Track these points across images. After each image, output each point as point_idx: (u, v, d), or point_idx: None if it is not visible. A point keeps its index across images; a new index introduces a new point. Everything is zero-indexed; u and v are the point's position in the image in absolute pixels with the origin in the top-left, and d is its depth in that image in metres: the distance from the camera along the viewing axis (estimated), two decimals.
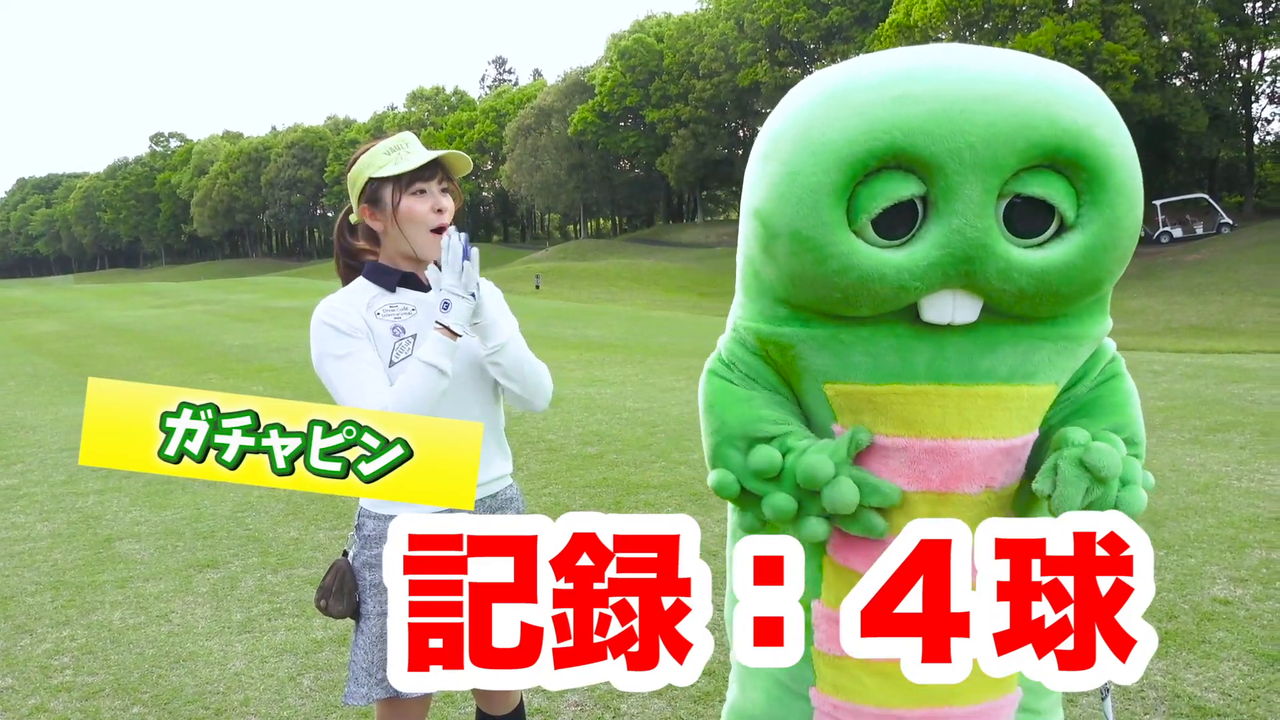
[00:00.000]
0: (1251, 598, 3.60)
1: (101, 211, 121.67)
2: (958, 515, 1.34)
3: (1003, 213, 1.28)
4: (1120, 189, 1.28)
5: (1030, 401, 1.42)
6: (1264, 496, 4.98)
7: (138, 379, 6.23)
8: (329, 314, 1.87)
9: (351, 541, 1.96)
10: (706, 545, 4.53)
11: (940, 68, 1.30)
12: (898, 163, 1.26)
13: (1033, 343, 1.38)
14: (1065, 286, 1.30)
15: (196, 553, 4.71)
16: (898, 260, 1.29)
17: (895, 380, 1.39)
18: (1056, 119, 1.24)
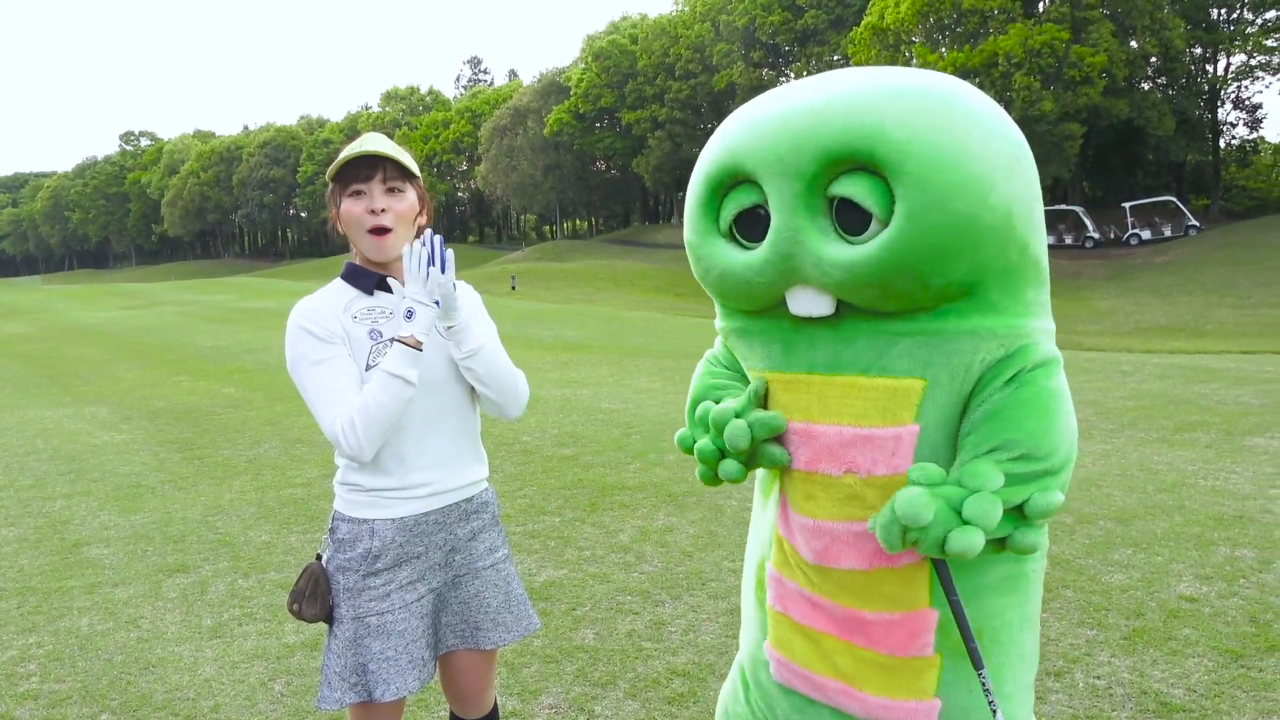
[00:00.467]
0: (1216, 595, 3.66)
1: (70, 211, 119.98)
2: (825, 494, 1.52)
3: (833, 213, 1.42)
4: (921, 184, 1.32)
5: (889, 394, 1.46)
6: (1228, 495, 5.06)
7: (107, 381, 6.19)
8: (305, 318, 1.86)
9: (325, 545, 1.95)
10: (681, 546, 4.54)
11: (786, 94, 1.48)
12: (743, 177, 1.48)
13: (889, 337, 1.46)
14: (875, 278, 1.38)
15: (166, 557, 4.65)
16: (744, 259, 1.50)
17: (780, 369, 1.58)
18: (849, 123, 1.36)
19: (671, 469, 6.05)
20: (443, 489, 1.93)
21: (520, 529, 4.86)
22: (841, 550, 1.52)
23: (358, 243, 1.92)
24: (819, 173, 1.39)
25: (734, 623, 3.56)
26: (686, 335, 18.40)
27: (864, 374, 1.48)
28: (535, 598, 3.88)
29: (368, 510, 1.88)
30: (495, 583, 2.03)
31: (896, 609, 1.52)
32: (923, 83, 1.42)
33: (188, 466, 6.81)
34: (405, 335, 1.81)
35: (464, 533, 1.98)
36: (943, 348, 1.44)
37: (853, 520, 1.50)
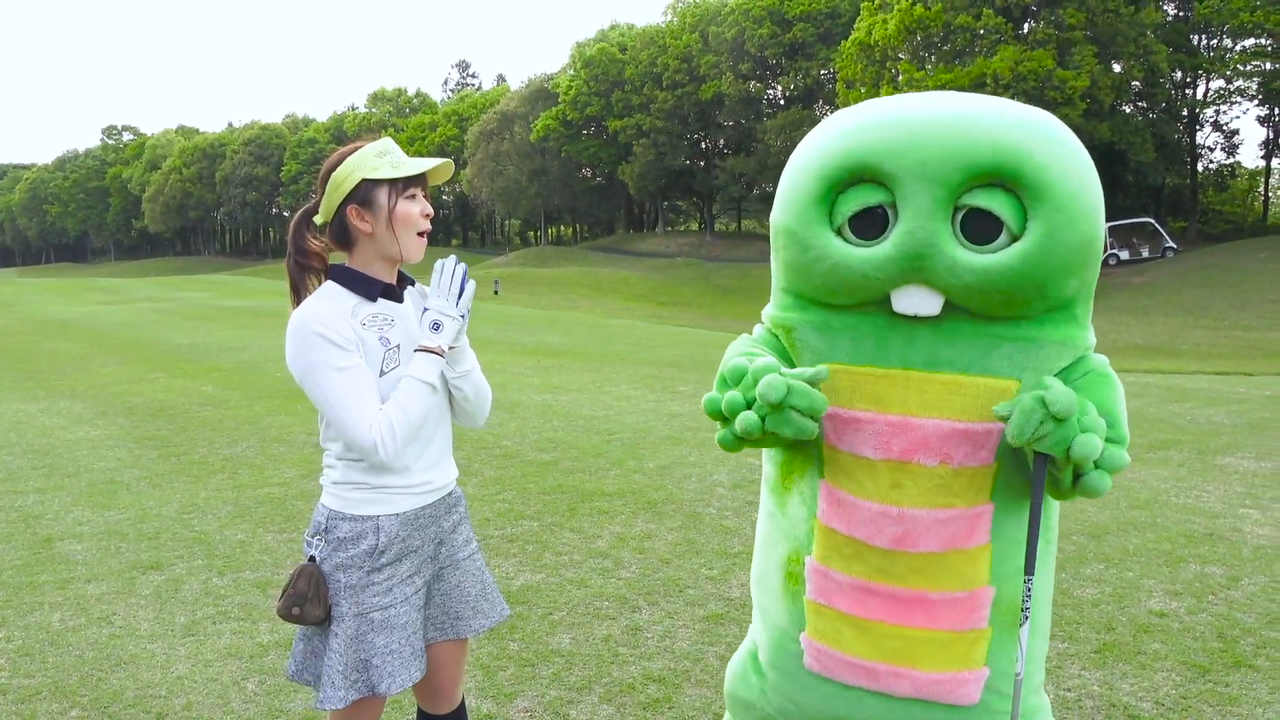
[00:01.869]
0: (1185, 610, 3.71)
1: (49, 204, 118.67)
2: (915, 483, 1.61)
3: (960, 221, 1.53)
4: (1058, 206, 1.49)
5: (987, 392, 1.60)
6: (1199, 513, 5.13)
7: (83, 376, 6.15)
8: (321, 324, 1.86)
9: (317, 545, 1.95)
10: (659, 553, 4.55)
11: (917, 104, 1.60)
12: (868, 176, 1.56)
13: (992, 340, 1.59)
14: (1006, 285, 1.51)
15: (140, 554, 4.61)
16: (863, 254, 1.57)
17: (871, 363, 1.64)
18: (998, 142, 1.50)
19: (651, 476, 6.06)
20: (436, 485, 2.02)
21: (499, 533, 4.86)
22: (921, 535, 1.63)
23: (405, 242, 1.95)
24: (961, 183, 1.50)
25: (710, 629, 3.57)
26: (668, 343, 18.45)
27: (965, 373, 1.61)
28: (513, 602, 3.88)
29: (372, 507, 1.92)
30: (473, 572, 2.12)
31: (962, 587, 1.65)
32: (1044, 117, 1.61)
33: (164, 464, 6.75)
34: (433, 346, 1.92)
35: (448, 525, 2.07)
36: (1038, 353, 1.60)
37: (936, 507, 1.62)
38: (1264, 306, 30.45)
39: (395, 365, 1.93)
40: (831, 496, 1.71)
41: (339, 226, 1.98)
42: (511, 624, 3.65)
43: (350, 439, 1.85)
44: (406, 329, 1.98)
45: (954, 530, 1.63)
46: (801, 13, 53.76)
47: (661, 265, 52.72)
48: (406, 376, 1.90)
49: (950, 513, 1.62)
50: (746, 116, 59.65)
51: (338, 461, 1.96)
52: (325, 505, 1.97)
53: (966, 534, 1.63)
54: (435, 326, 1.93)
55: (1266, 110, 46.03)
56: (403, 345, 1.95)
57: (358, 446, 1.85)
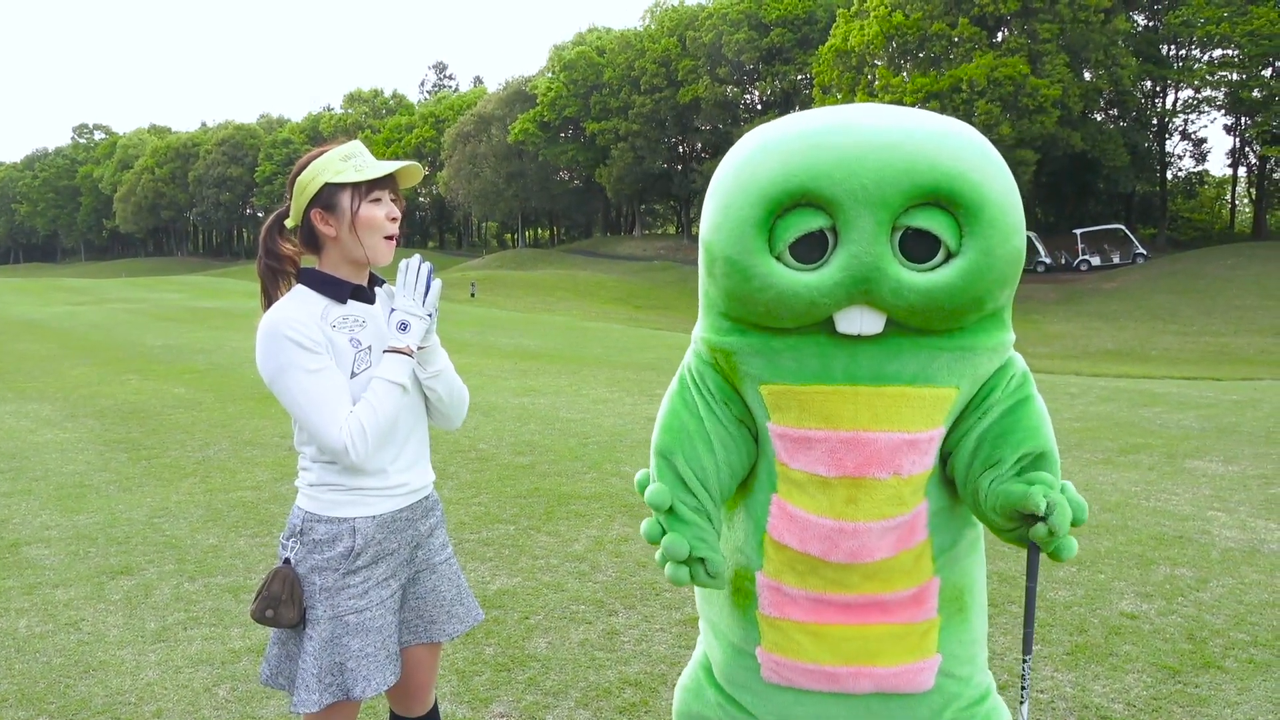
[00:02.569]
0: (1156, 612, 3.76)
1: (17, 203, 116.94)
2: (869, 497, 1.65)
3: (899, 242, 1.55)
4: (993, 223, 1.53)
5: (932, 401, 1.66)
6: (1169, 515, 5.20)
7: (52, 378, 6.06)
8: (290, 327, 1.84)
9: (292, 548, 1.93)
10: (636, 557, 4.52)
11: (849, 123, 1.59)
12: (808, 200, 1.54)
13: (932, 351, 1.63)
14: (949, 302, 1.55)
15: (110, 559, 4.54)
16: (808, 280, 1.56)
17: (817, 381, 1.65)
18: (936, 164, 1.51)
19: (627, 479, 6.05)
20: (413, 488, 2.01)
21: (474, 537, 4.83)
22: (875, 545, 1.67)
23: (370, 245, 1.93)
24: (901, 204, 1.52)
25: (686, 633, 3.57)
26: (645, 346, 18.45)
27: (911, 384, 1.64)
28: (488, 606, 3.86)
29: (349, 509, 1.90)
30: (449, 576, 2.11)
31: (911, 584, 1.72)
32: (972, 133, 1.63)
33: (134, 467, 6.66)
34: (402, 346, 1.91)
35: (425, 528, 2.06)
36: (973, 360, 1.66)
37: (887, 518, 1.67)
38: (1231, 313, 30.99)
39: (367, 366, 1.91)
40: (784, 512, 1.73)
41: (307, 230, 1.97)
42: (487, 628, 3.63)
43: (321, 441, 1.84)
44: (378, 330, 1.97)
45: (900, 533, 1.69)
46: (779, 18, 54.05)
47: (639, 268, 52.77)
48: (376, 378, 1.88)
49: (899, 519, 1.68)
50: (724, 121, 59.85)
51: (313, 464, 1.94)
52: (300, 507, 1.95)
53: (909, 534, 1.70)
54: (402, 326, 1.92)
55: (1233, 119, 46.83)
56: (374, 346, 1.94)
57: (329, 449, 1.84)
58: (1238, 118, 46.08)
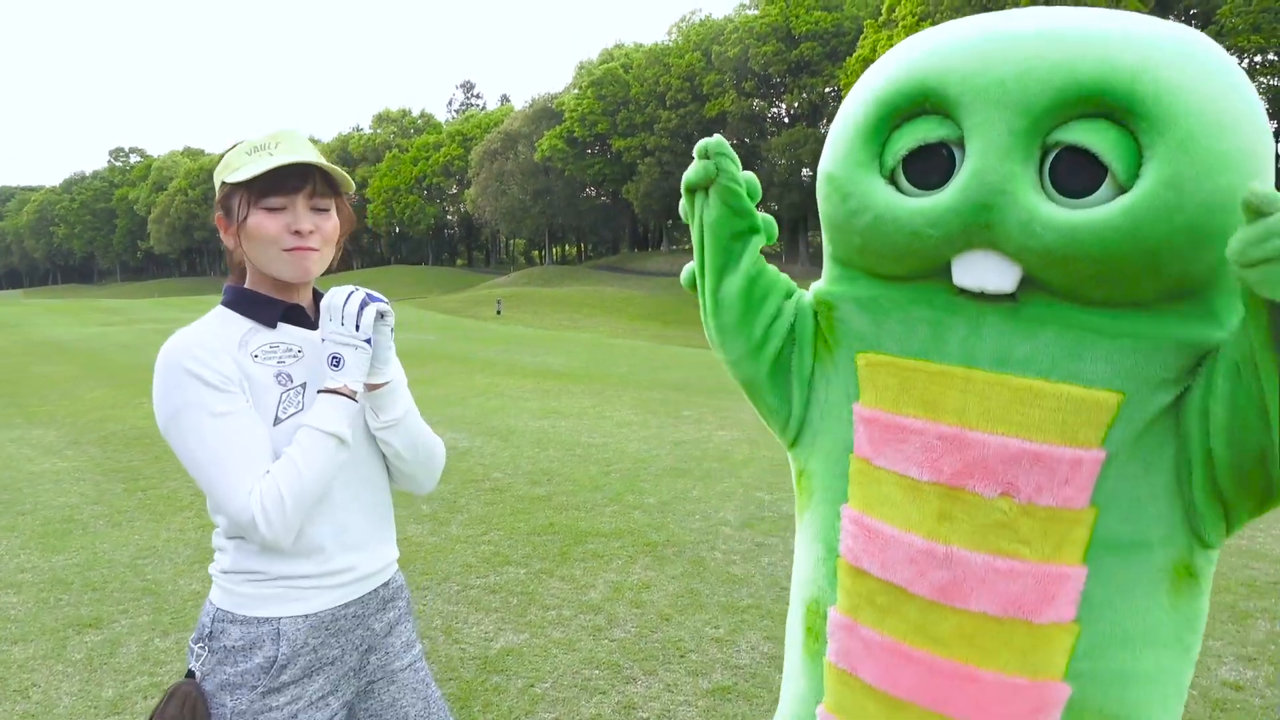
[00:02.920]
0: (1264, 681, 3.22)
1: (55, 226, 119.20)
2: (969, 516, 1.19)
3: (1051, 165, 1.11)
4: (1185, 144, 1.04)
5: (1075, 405, 1.15)
6: (1258, 557, 4.64)
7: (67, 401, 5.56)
8: (190, 358, 1.42)
9: (198, 655, 1.48)
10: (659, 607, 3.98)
11: (996, 17, 1.18)
12: (932, 105, 1.17)
13: (1084, 334, 1.15)
14: (1099, 250, 1.07)
15: (80, 608, 4.14)
16: (915, 204, 1.18)
17: (923, 356, 1.25)
18: (1107, 57, 1.06)
19: (651, 513, 5.57)
20: (363, 574, 1.56)
21: (481, 582, 4.37)
22: (974, 587, 1.20)
23: (267, 263, 1.50)
24: (1050, 110, 1.09)
25: (715, 707, 3.08)
26: (672, 365, 17.98)
27: (1045, 377, 1.16)
28: (490, 670, 3.39)
29: (272, 606, 1.47)
30: (414, 686, 1.65)
31: (1022, 672, 1.19)
32: (1189, 33, 1.13)
33: (128, 499, 6.28)
34: (337, 385, 1.46)
35: (380, 626, 1.60)
36: (1151, 359, 1.13)
37: (996, 553, 1.19)
38: None
39: (297, 410, 1.48)
40: (861, 527, 1.30)
41: None
42: (486, 699, 3.17)
43: (224, 510, 1.40)
44: (317, 365, 1.53)
45: (1019, 590, 1.18)
46: (807, 31, 53.66)
47: (666, 284, 52.37)
48: (303, 426, 1.44)
49: (1013, 564, 1.18)
50: (750, 135, 59.46)
51: (227, 542, 1.51)
52: (212, 602, 1.51)
53: (1037, 601, 1.17)
54: (335, 361, 1.48)
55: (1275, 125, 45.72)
56: (310, 384, 1.51)
57: (233, 520, 1.40)
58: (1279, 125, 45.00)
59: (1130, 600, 1.17)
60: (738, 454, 7.46)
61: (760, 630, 3.73)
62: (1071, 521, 1.16)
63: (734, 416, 9.60)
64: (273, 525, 1.38)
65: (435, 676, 3.35)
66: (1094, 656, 1.18)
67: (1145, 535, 1.15)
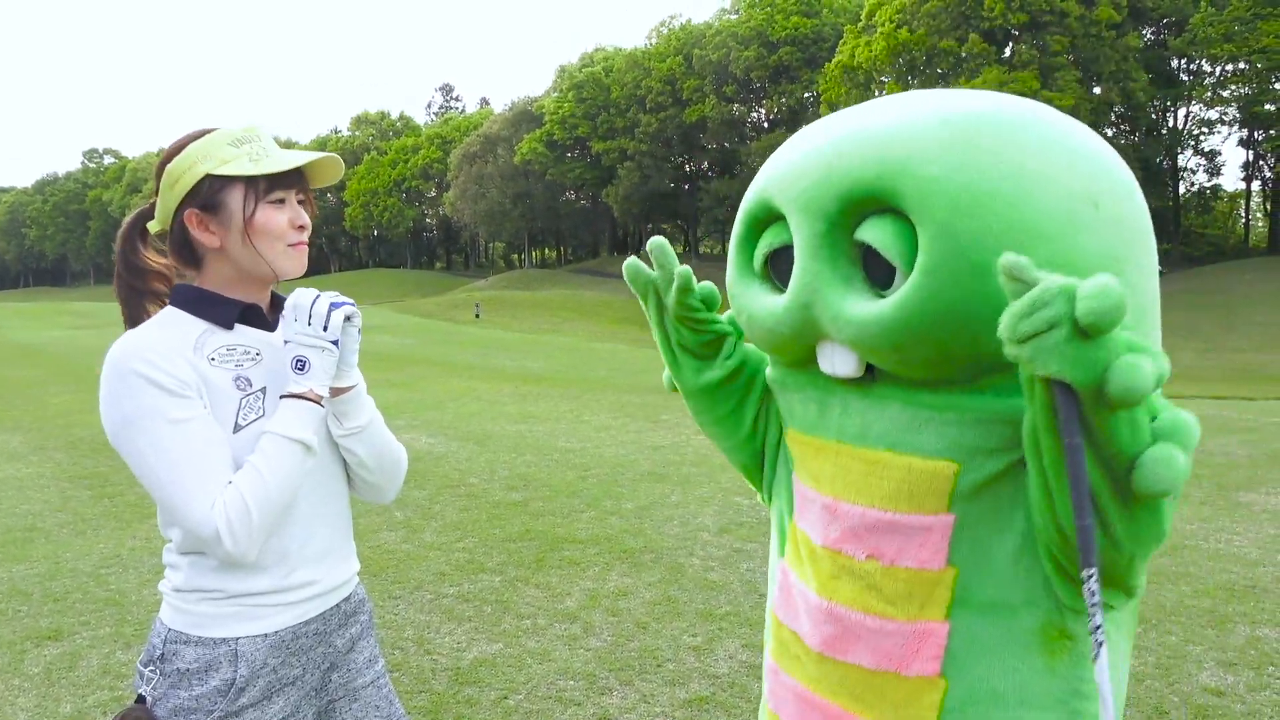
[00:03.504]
0: (1245, 687, 3.20)
1: (27, 227, 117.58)
2: (849, 577, 1.28)
3: (862, 261, 1.19)
4: (941, 230, 1.07)
5: (918, 475, 1.21)
6: (1235, 560, 4.63)
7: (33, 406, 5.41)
8: (143, 361, 1.33)
9: (149, 678, 1.40)
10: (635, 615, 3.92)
11: (830, 121, 1.27)
12: (777, 215, 1.28)
13: (920, 410, 1.21)
14: (885, 340, 1.14)
15: (40, 620, 4.02)
16: (768, 304, 1.30)
17: (813, 432, 1.35)
18: (884, 158, 1.12)
19: (628, 519, 5.51)
20: (326, 588, 1.49)
21: (454, 590, 4.29)
22: (851, 642, 1.28)
23: (273, 258, 1.44)
24: (841, 212, 1.17)
25: (693, 718, 3.02)
26: (651, 369, 17.92)
27: (893, 449, 1.23)
28: (462, 682, 3.31)
29: (229, 626, 1.38)
30: (376, 704, 1.57)
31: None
32: (984, 107, 1.16)
33: (94, 506, 6.14)
34: (302, 390, 1.39)
35: (343, 643, 1.53)
36: (978, 430, 1.17)
37: (867, 612, 1.27)
38: (1252, 329, 30.37)
39: (258, 416, 1.40)
40: (784, 581, 1.43)
41: (179, 238, 1.46)
42: (458, 711, 3.09)
43: (185, 523, 1.31)
44: (277, 368, 1.45)
45: (889, 646, 1.25)
46: (786, 36, 53.88)
47: None
48: (267, 433, 1.37)
49: (882, 622, 1.26)
50: (730, 139, 59.62)
51: (181, 558, 1.42)
52: (164, 622, 1.42)
53: (903, 657, 1.24)
54: (300, 365, 1.40)
55: (1246, 133, 46.34)
56: (270, 389, 1.43)
57: (194, 534, 1.32)
58: (1251, 131, 45.59)
59: (998, 659, 1.20)
60: (716, 459, 7.41)
61: (738, 638, 3.67)
62: (932, 582, 1.22)
63: None
64: (238, 539, 1.31)
65: (406, 689, 3.27)
66: (963, 711, 1.21)
67: (1005, 596, 1.19)
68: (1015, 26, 40.82)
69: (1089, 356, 0.92)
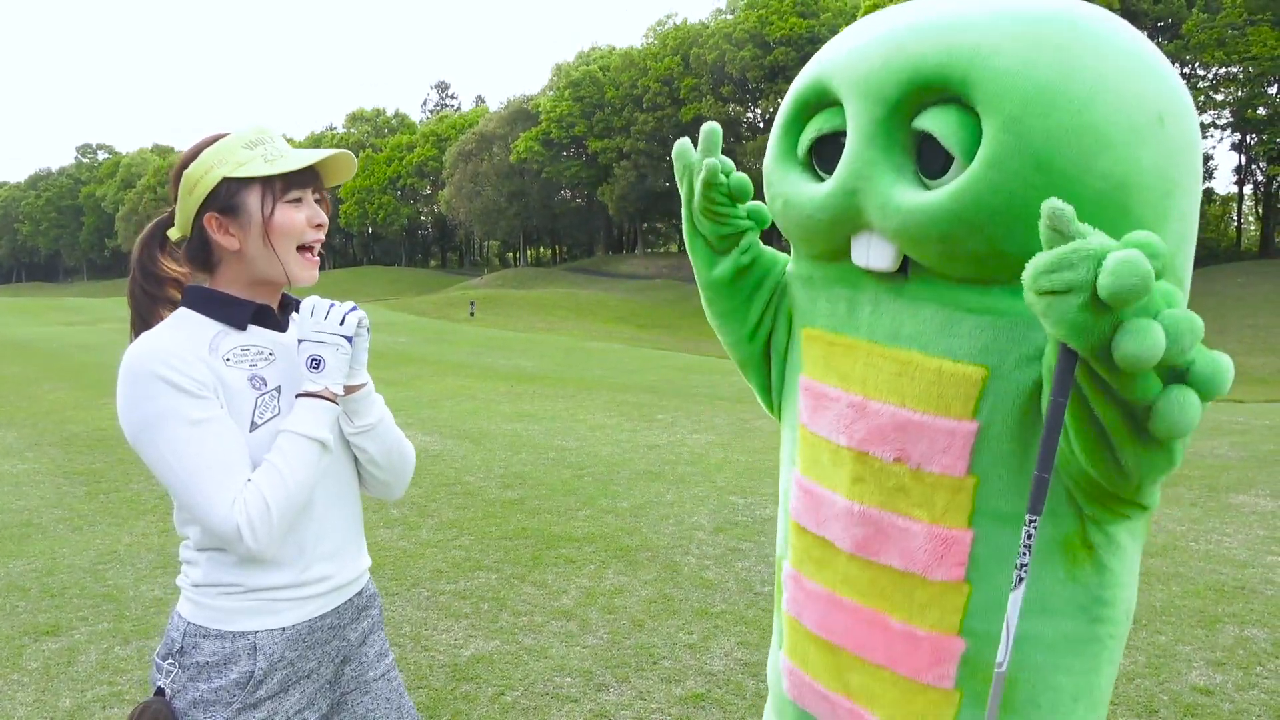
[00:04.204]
0: (1234, 686, 3.24)
1: (20, 223, 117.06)
2: (875, 479, 1.29)
3: (916, 150, 1.19)
4: (1009, 124, 1.07)
5: (946, 379, 1.22)
6: (1225, 561, 4.68)
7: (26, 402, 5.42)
8: (164, 363, 1.35)
9: (168, 672, 1.42)
10: (631, 613, 3.97)
11: (894, 10, 1.24)
12: (830, 100, 1.27)
13: (954, 311, 1.21)
14: (935, 230, 1.14)
15: (38, 615, 4.03)
16: (809, 190, 1.30)
17: (841, 330, 1.35)
18: (952, 46, 1.12)
19: (624, 518, 5.54)
20: (340, 583, 1.52)
21: (451, 587, 4.31)
22: (883, 543, 1.31)
23: (288, 261, 1.46)
24: (902, 99, 1.16)
25: (689, 715, 3.05)
26: (646, 367, 17.96)
27: (924, 351, 1.24)
28: (459, 678, 3.34)
29: (249, 620, 1.42)
30: (387, 696, 1.61)
31: (922, 624, 1.30)
32: (1054, 5, 1.14)
33: (90, 503, 6.15)
34: (317, 389, 1.43)
35: (355, 636, 1.57)
36: (1013, 334, 1.17)
37: (897, 513, 1.29)
38: (1244, 332, 30.47)
39: (274, 415, 1.43)
40: (801, 488, 1.44)
41: (198, 242, 1.49)
42: (455, 708, 3.12)
43: (205, 521, 1.34)
44: (290, 368, 1.48)
45: (915, 549, 1.28)
46: (782, 36, 53.93)
47: (641, 287, 52.37)
48: (285, 431, 1.39)
49: (910, 523, 1.28)
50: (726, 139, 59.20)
51: (199, 554, 1.45)
52: (182, 616, 1.45)
53: (929, 560, 1.27)
54: (315, 363, 1.43)
55: (1239, 137, 46.49)
56: (284, 388, 1.46)
57: (215, 532, 1.35)
58: (1244, 135, 45.75)
59: (1007, 564, 1.22)
60: (711, 458, 7.45)
61: (734, 636, 3.70)
62: (954, 488, 1.24)
63: (708, 420, 9.59)
64: (259, 536, 1.34)
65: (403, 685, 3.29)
66: (986, 616, 1.24)
67: (1019, 500, 1.20)
68: None
69: (1099, 327, 0.91)
